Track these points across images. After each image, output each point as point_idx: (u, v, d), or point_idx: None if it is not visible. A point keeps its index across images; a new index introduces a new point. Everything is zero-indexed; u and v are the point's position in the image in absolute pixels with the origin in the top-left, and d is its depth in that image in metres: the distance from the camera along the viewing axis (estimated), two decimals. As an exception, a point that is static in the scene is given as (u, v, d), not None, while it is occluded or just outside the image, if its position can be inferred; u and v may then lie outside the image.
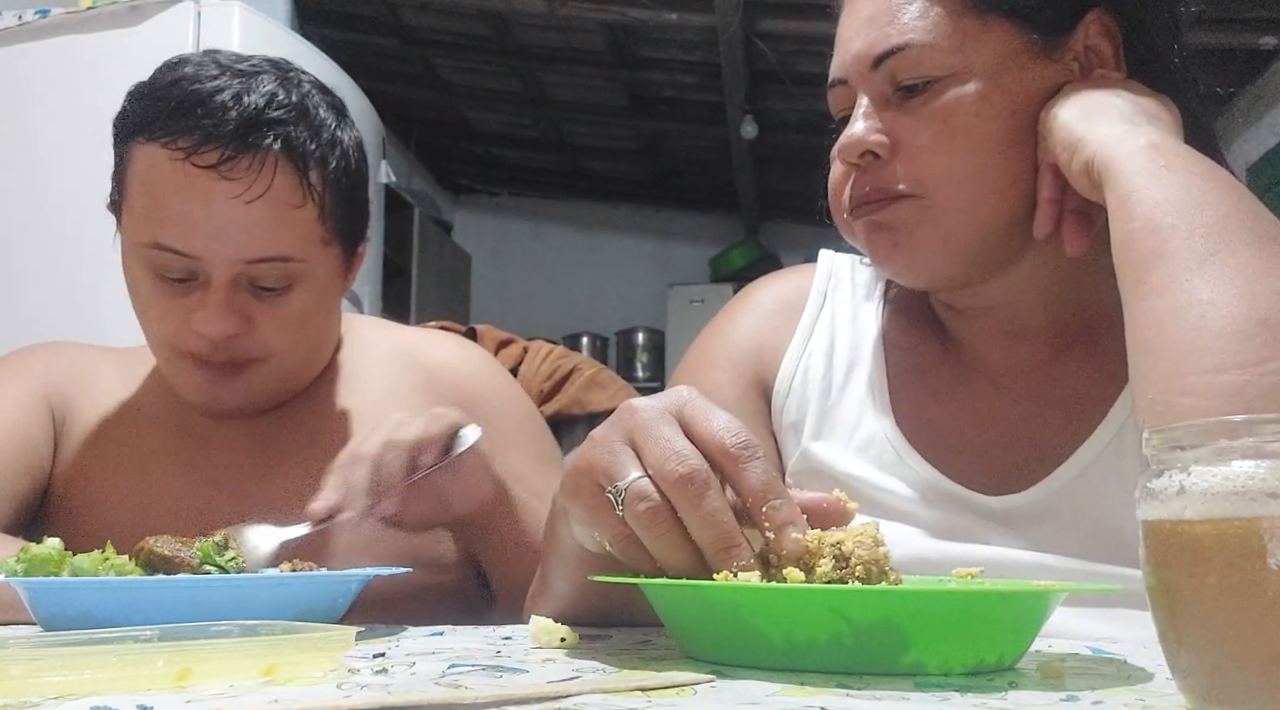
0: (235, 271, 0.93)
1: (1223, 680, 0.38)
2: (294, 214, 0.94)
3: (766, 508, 0.55)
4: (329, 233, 0.97)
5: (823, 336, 0.92)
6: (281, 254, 0.94)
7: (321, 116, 0.98)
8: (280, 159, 0.92)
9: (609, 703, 0.43)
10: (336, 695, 0.46)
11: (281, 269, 0.94)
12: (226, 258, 0.92)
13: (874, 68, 0.80)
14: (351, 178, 1.00)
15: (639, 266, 5.65)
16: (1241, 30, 3.38)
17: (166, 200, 0.93)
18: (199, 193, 0.91)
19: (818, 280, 0.95)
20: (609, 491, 0.56)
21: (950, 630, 0.50)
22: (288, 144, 0.93)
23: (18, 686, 0.45)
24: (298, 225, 0.94)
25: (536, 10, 3.68)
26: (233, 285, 0.93)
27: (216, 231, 0.92)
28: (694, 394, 0.58)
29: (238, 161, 0.91)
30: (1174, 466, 0.40)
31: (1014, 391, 0.84)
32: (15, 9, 2.67)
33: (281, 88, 0.96)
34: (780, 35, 3.63)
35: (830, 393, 0.89)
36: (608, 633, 0.69)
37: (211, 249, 0.92)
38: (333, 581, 0.76)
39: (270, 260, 0.93)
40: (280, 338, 0.97)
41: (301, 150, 0.94)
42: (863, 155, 0.80)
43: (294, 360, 1.01)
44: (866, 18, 0.82)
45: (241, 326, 0.94)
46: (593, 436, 0.59)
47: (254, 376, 0.98)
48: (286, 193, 0.93)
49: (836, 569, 0.54)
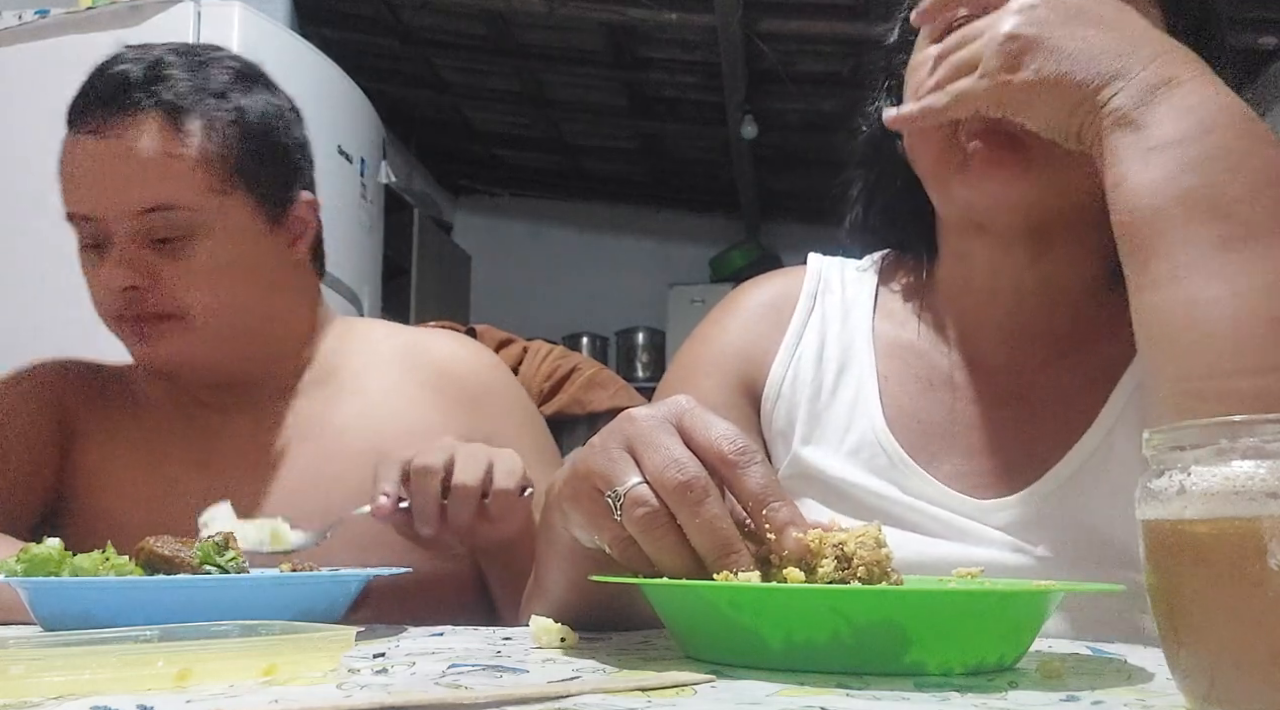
0: (129, 226, 0.97)
1: (1223, 680, 0.38)
2: (172, 163, 0.97)
3: (766, 511, 0.55)
4: (222, 182, 0.99)
5: (812, 339, 0.91)
6: (165, 201, 0.97)
7: (212, 79, 1.01)
8: (152, 114, 0.97)
9: (609, 703, 0.43)
10: (336, 695, 0.46)
11: (171, 218, 0.97)
12: (116, 211, 0.96)
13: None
14: (252, 134, 1.02)
15: (639, 266, 5.64)
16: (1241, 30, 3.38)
17: (69, 173, 1.00)
18: (85, 156, 0.98)
19: (807, 283, 0.94)
20: (608, 496, 0.56)
21: (950, 630, 0.50)
22: (159, 101, 0.97)
23: (18, 686, 0.45)
24: (178, 174, 0.97)
25: (536, 10, 3.68)
26: (129, 240, 0.97)
27: (103, 187, 0.97)
28: (692, 403, 0.58)
29: (111, 121, 0.96)
30: (1174, 466, 0.40)
31: (1007, 393, 0.84)
32: (15, 9, 2.67)
33: (172, 55, 1.01)
34: (780, 35, 3.62)
35: (820, 395, 0.88)
36: (607, 633, 0.69)
37: (101, 204, 0.97)
38: (332, 581, 0.76)
39: (157, 209, 0.97)
40: (190, 293, 0.99)
41: (175, 105, 0.98)
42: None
43: (219, 320, 1.01)
44: None
45: (141, 279, 0.97)
46: (592, 443, 0.59)
47: (176, 336, 1.00)
48: (161, 143, 0.97)
49: (838, 570, 0.54)
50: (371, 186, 3.08)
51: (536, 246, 5.76)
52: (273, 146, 1.04)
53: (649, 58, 4.13)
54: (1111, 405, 0.79)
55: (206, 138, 0.98)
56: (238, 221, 1.01)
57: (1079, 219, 0.80)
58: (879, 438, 0.85)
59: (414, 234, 4.25)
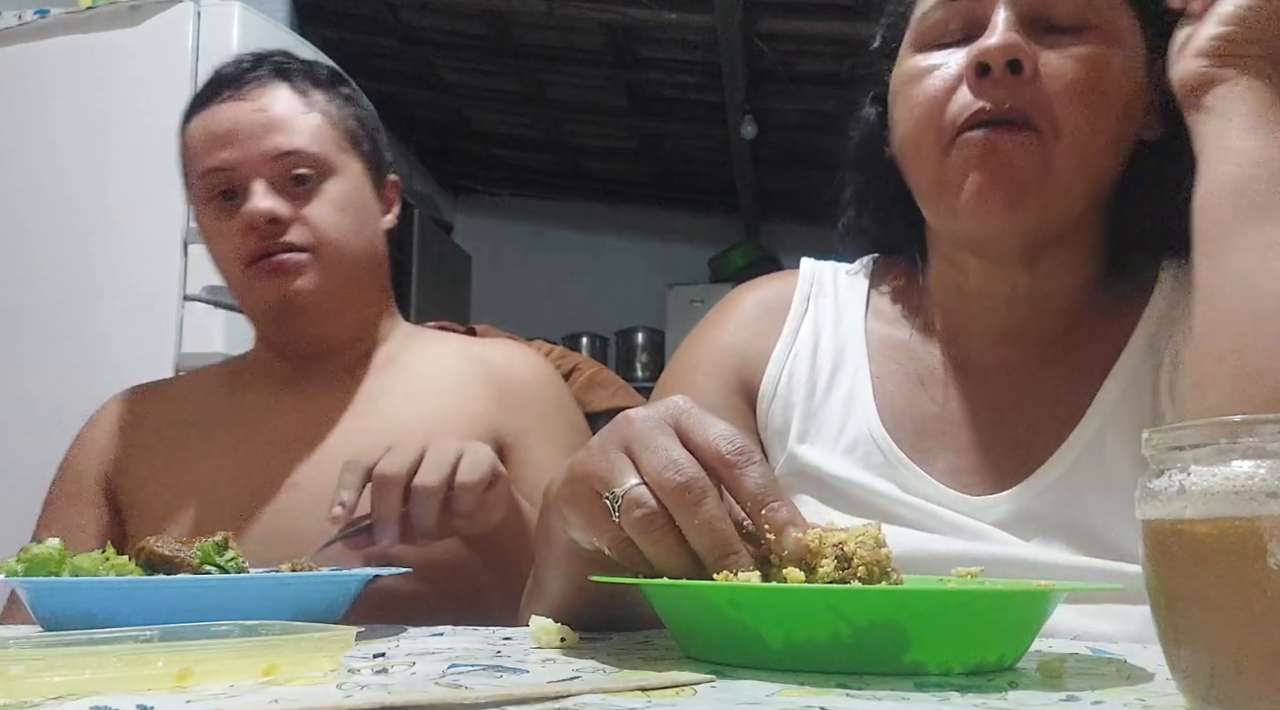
0: (268, 171, 1.10)
1: (1223, 680, 0.38)
2: (301, 118, 1.12)
3: (765, 511, 0.55)
4: (343, 142, 1.15)
5: (807, 339, 0.92)
6: (298, 147, 1.11)
7: (320, 71, 1.19)
8: (282, 84, 1.14)
9: (609, 703, 0.43)
10: (336, 695, 0.46)
11: (305, 159, 1.11)
12: (256, 157, 1.10)
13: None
14: (360, 116, 1.19)
15: (639, 266, 5.64)
16: (1241, 30, 3.38)
17: (203, 140, 1.13)
18: (222, 118, 1.12)
19: (800, 285, 0.95)
20: (606, 497, 0.56)
21: (951, 630, 0.50)
22: (285, 73, 1.15)
23: (18, 686, 0.45)
24: (308, 127, 1.12)
25: (536, 10, 3.68)
26: (269, 185, 1.10)
27: (242, 138, 1.10)
28: (690, 403, 0.58)
29: (244, 86, 1.12)
30: (1174, 466, 0.40)
31: (998, 391, 0.85)
32: (15, 9, 2.67)
33: (284, 56, 1.19)
34: (780, 35, 3.62)
35: (815, 394, 0.89)
36: (607, 633, 0.69)
37: (242, 153, 1.10)
38: (332, 581, 0.76)
39: (291, 153, 1.10)
40: (324, 225, 1.11)
41: (298, 78, 1.15)
42: (1009, 64, 0.75)
43: (341, 259, 1.12)
44: None
45: (284, 209, 1.09)
46: (589, 445, 0.59)
47: (308, 270, 1.10)
48: (291, 103, 1.13)
49: (839, 569, 0.54)
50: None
51: (536, 246, 5.76)
52: (374, 127, 1.21)
53: (649, 58, 4.13)
54: (1101, 402, 0.80)
55: (327, 106, 1.15)
56: (356, 177, 1.16)
57: (1071, 229, 0.82)
58: (874, 434, 0.85)
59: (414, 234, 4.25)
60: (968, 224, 0.79)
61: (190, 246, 2.38)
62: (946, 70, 0.79)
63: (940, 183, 0.79)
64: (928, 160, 0.79)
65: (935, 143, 0.78)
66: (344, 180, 1.13)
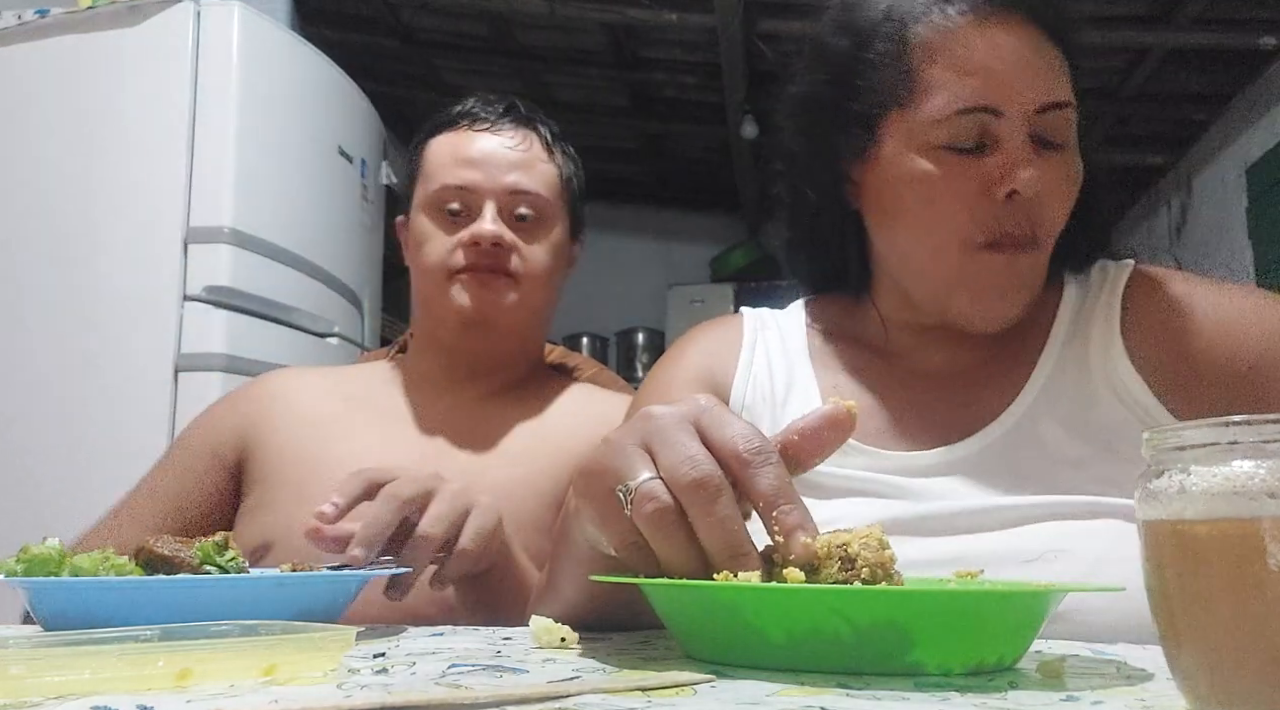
0: (501, 200, 1.21)
1: (1223, 680, 0.38)
2: (543, 165, 1.24)
3: (776, 512, 0.54)
4: (564, 195, 1.26)
5: (761, 363, 0.98)
6: (533, 189, 1.22)
7: (555, 128, 1.30)
8: (531, 129, 1.26)
9: (609, 703, 0.43)
10: (336, 695, 0.46)
11: (535, 200, 1.22)
12: (498, 186, 1.21)
13: (1039, 113, 0.83)
14: (579, 177, 1.31)
15: (639, 266, 5.64)
16: (1241, 30, 3.38)
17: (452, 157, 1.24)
18: (477, 144, 1.24)
19: (746, 322, 1.03)
20: (618, 491, 0.56)
21: (950, 630, 0.50)
22: (533, 122, 1.27)
23: (18, 686, 0.45)
24: (545, 175, 1.24)
25: (537, 10, 3.68)
26: (499, 211, 1.21)
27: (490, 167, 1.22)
28: (712, 402, 0.58)
29: (503, 124, 1.25)
30: (1174, 466, 0.40)
31: (941, 385, 0.93)
32: (15, 9, 2.67)
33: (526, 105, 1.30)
34: (780, 35, 3.62)
35: (775, 408, 0.95)
36: (607, 633, 0.69)
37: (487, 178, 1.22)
38: (333, 581, 0.76)
39: (527, 192, 1.22)
40: (535, 261, 1.22)
41: (543, 129, 1.27)
42: (1011, 195, 0.83)
43: (535, 293, 1.23)
44: (1026, 58, 0.83)
45: (506, 235, 1.19)
46: (608, 438, 0.59)
47: (507, 291, 1.20)
48: (538, 149, 1.25)
49: (842, 571, 0.54)
50: (372, 187, 3.08)
51: (537, 247, 5.76)
52: (582, 191, 1.32)
53: (650, 58, 4.13)
54: (1033, 381, 0.89)
55: (563, 159, 1.27)
56: (563, 226, 1.26)
57: None
58: None
59: (414, 234, 4.25)
60: (971, 324, 0.88)
61: (190, 246, 2.38)
62: (968, 184, 0.84)
63: (953, 284, 0.87)
64: (943, 263, 0.87)
65: (958, 251, 0.86)
66: (558, 228, 1.25)
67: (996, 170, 0.83)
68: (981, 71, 0.83)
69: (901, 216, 0.88)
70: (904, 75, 0.85)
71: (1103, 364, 0.88)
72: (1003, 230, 0.84)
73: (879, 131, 0.88)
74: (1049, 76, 0.84)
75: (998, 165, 0.83)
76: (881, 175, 0.89)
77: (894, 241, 0.91)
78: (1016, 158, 0.82)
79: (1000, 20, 0.83)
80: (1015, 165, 0.82)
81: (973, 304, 0.87)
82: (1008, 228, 0.84)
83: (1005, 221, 0.84)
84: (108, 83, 2.49)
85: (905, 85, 0.85)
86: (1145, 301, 0.90)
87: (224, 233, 2.39)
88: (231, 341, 2.37)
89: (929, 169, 0.85)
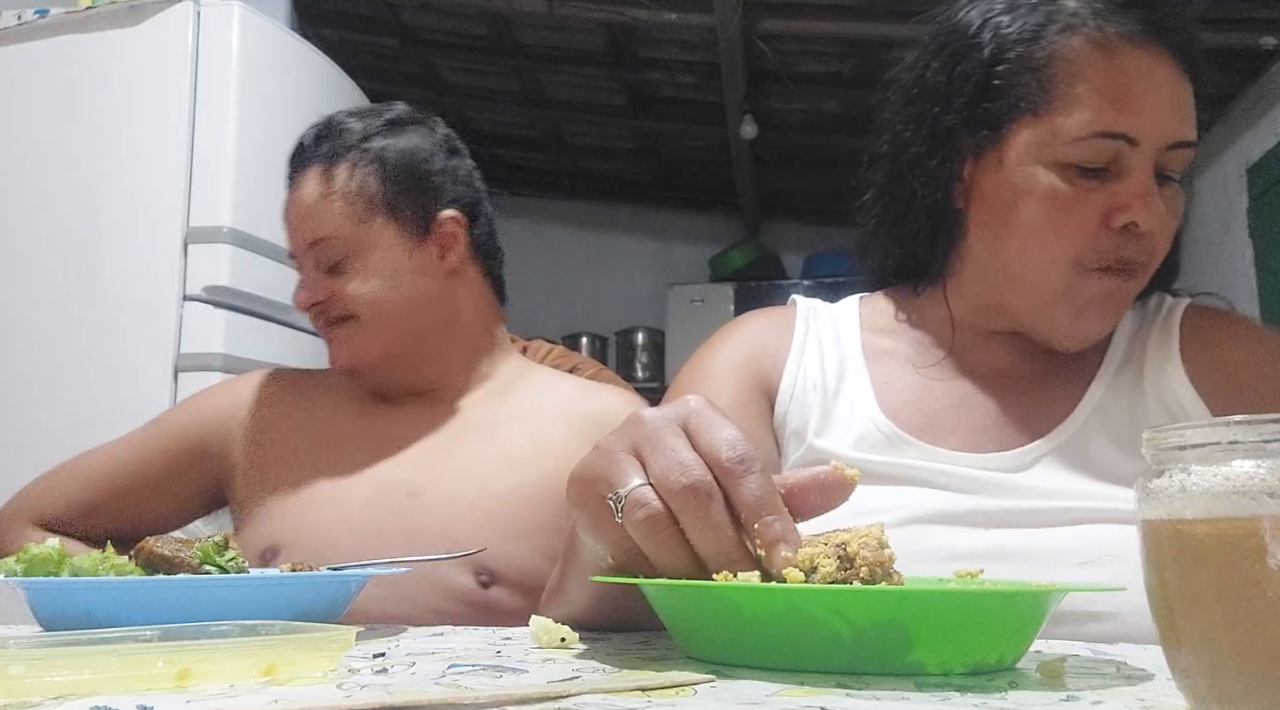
0: (307, 256, 1.22)
1: (1223, 680, 0.38)
2: (323, 204, 1.21)
3: (759, 524, 0.54)
4: (364, 213, 1.21)
5: (813, 352, 0.98)
6: (320, 235, 1.21)
7: (367, 128, 1.25)
8: (315, 168, 1.22)
9: (609, 703, 0.43)
10: (336, 695, 0.46)
11: (330, 246, 1.20)
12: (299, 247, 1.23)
13: (1169, 149, 0.85)
14: (389, 170, 1.23)
15: (639, 266, 5.64)
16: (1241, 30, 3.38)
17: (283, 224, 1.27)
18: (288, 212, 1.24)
19: (799, 311, 1.03)
20: (609, 498, 0.55)
21: (950, 630, 0.50)
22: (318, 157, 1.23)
23: (18, 686, 0.45)
24: (329, 214, 1.20)
25: (536, 10, 3.67)
26: (309, 267, 1.23)
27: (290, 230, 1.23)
28: (701, 403, 0.58)
29: (294, 177, 1.24)
30: (1174, 466, 0.40)
31: (1004, 392, 0.93)
32: (15, 9, 2.67)
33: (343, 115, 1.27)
34: (780, 35, 3.62)
35: (826, 399, 0.95)
36: (607, 634, 0.69)
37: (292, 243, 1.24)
38: (332, 581, 0.76)
39: (317, 242, 1.21)
40: (358, 298, 1.20)
41: (326, 153, 1.22)
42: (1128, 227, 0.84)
43: (383, 318, 1.20)
44: (1170, 92, 0.85)
45: (319, 295, 1.21)
46: (598, 445, 0.59)
47: (354, 335, 1.21)
48: (317, 189, 1.21)
49: (841, 570, 0.53)
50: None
51: (536, 246, 5.75)
52: (410, 177, 1.24)
53: (649, 58, 4.12)
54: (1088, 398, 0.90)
55: (349, 179, 1.21)
56: (382, 241, 1.21)
57: None
58: (876, 424, 0.92)
59: (414, 234, 4.25)
60: (1063, 341, 0.90)
61: (190, 246, 2.38)
62: (1091, 208, 0.85)
63: (1057, 298, 0.88)
64: (1051, 278, 0.87)
65: (1070, 269, 0.87)
66: (371, 250, 1.21)
67: (1121, 199, 0.84)
68: (1128, 98, 0.83)
69: (1015, 225, 0.87)
70: (1046, 84, 0.85)
71: (1156, 383, 0.89)
72: (1118, 257, 0.85)
73: (1006, 136, 0.87)
74: (1184, 114, 0.84)
75: (1124, 194, 0.84)
76: (1000, 180, 0.88)
77: (999, 248, 0.90)
78: (1142, 190, 0.83)
79: (1153, 50, 0.84)
80: (1140, 198, 0.83)
81: (1073, 322, 0.88)
82: (1124, 255, 0.85)
83: (1122, 249, 0.85)
84: (108, 83, 2.48)
85: (1045, 95, 0.85)
86: (1203, 328, 0.92)
87: (224, 233, 2.38)
88: (231, 341, 2.37)
89: (1055, 184, 0.85)
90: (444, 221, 1.24)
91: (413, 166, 1.24)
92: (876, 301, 1.05)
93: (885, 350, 0.98)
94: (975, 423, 0.91)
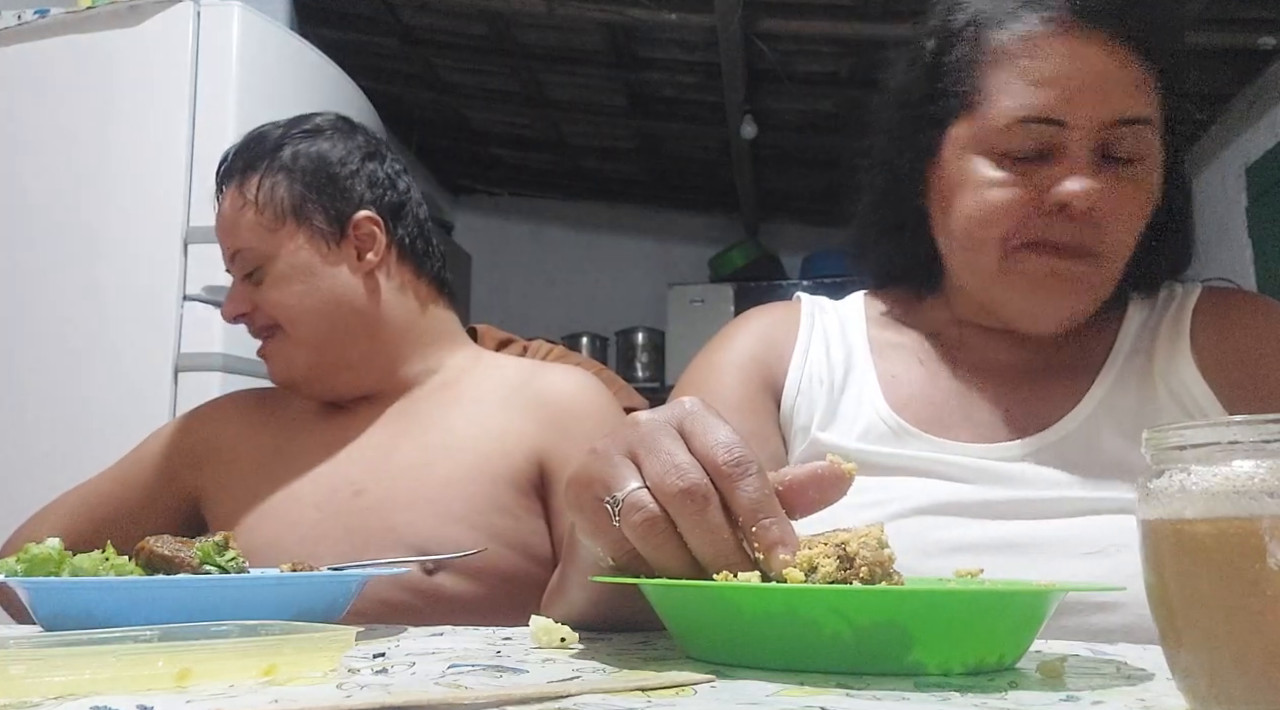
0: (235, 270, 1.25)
1: (1223, 680, 0.38)
2: (237, 216, 1.24)
3: (756, 527, 0.54)
4: (274, 222, 1.22)
5: (819, 347, 0.99)
6: (236, 247, 1.24)
7: (285, 137, 1.26)
8: (234, 182, 1.25)
9: (609, 703, 0.43)
10: (336, 695, 0.46)
11: (246, 256, 1.23)
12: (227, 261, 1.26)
13: (1111, 127, 0.83)
14: (300, 177, 1.24)
15: (639, 266, 5.64)
16: (1241, 30, 3.38)
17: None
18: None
19: (804, 308, 1.04)
20: (606, 502, 0.55)
21: (950, 630, 0.50)
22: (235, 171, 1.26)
23: (18, 686, 0.45)
24: (242, 225, 1.23)
25: (536, 10, 3.67)
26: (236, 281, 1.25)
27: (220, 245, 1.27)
28: (697, 405, 0.58)
29: (218, 194, 1.28)
30: (1174, 466, 0.40)
31: (1008, 386, 0.94)
32: (15, 9, 2.67)
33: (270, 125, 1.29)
34: (780, 35, 3.62)
35: (833, 393, 0.96)
36: (607, 634, 0.69)
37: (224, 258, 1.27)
38: (333, 581, 0.76)
39: (236, 254, 1.24)
40: (275, 306, 1.22)
41: (244, 170, 1.25)
42: (1064, 208, 0.83)
43: (306, 324, 1.21)
44: (1101, 72, 0.83)
45: (242, 307, 1.24)
46: (594, 448, 0.59)
47: (282, 345, 1.23)
48: (232, 203, 1.25)
49: (840, 570, 0.53)
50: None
51: (536, 246, 5.76)
52: (319, 182, 1.24)
53: (649, 58, 4.12)
54: (1095, 390, 0.90)
55: (258, 189, 1.23)
56: (295, 247, 1.22)
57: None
58: (882, 417, 0.93)
59: (414, 234, 4.25)
60: (1021, 324, 0.90)
61: (190, 246, 2.38)
62: (1020, 191, 0.85)
63: (995, 282, 0.88)
64: (986, 257, 0.88)
65: (998, 246, 0.86)
66: (284, 257, 1.22)
67: (1049, 180, 0.83)
68: (1050, 82, 0.83)
69: (954, 215, 0.89)
70: (977, 80, 0.87)
71: (1166, 373, 0.89)
72: (1045, 236, 0.84)
73: (948, 133, 0.89)
74: (1125, 91, 0.83)
75: (1052, 175, 0.84)
76: (942, 175, 0.91)
77: (949, 243, 0.92)
78: (1073, 170, 0.83)
79: (1081, 32, 0.83)
80: (1069, 177, 0.83)
81: (1025, 301, 0.88)
82: (1053, 236, 0.84)
83: (1052, 230, 0.84)
84: (108, 83, 2.48)
85: (977, 90, 0.87)
86: (1217, 315, 0.92)
87: (224, 232, 2.38)
88: (231, 342, 2.37)
89: (984, 172, 0.86)
90: (359, 222, 1.25)
91: (321, 171, 1.25)
92: (882, 298, 1.06)
93: (891, 344, 0.99)
94: (982, 415, 0.92)
